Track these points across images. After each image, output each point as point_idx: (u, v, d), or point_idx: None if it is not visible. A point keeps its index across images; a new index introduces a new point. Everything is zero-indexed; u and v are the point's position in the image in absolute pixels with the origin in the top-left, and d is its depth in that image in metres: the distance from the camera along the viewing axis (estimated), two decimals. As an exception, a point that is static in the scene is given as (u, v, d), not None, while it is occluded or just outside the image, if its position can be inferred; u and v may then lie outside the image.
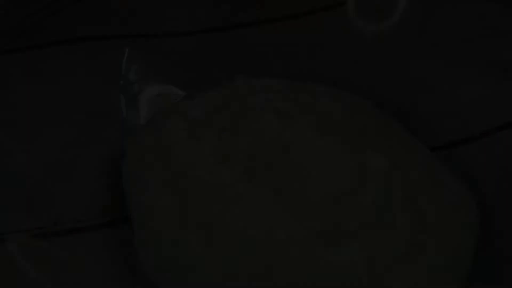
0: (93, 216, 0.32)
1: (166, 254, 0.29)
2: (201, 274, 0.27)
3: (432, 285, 0.26)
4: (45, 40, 0.39)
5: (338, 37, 0.42)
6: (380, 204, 0.29)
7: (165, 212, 0.30)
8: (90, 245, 0.31)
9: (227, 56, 0.41)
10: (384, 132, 0.33)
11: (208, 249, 0.28)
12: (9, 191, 0.32)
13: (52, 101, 0.37)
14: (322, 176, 0.30)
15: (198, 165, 0.31)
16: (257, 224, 0.28)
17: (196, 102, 0.35)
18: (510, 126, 0.35)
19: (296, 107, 0.35)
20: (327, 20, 0.42)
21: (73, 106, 0.38)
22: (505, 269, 0.28)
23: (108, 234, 0.31)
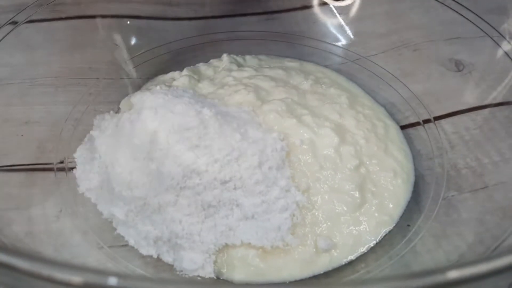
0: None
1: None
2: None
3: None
4: (68, 14, 0.47)
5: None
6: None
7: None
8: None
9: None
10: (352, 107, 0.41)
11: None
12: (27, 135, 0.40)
13: (69, 65, 0.45)
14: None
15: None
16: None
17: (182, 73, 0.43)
18: (448, 116, 0.41)
19: (272, 81, 0.41)
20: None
21: (85, 71, 0.45)
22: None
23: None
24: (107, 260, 0.34)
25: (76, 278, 0.17)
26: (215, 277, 0.33)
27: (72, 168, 0.39)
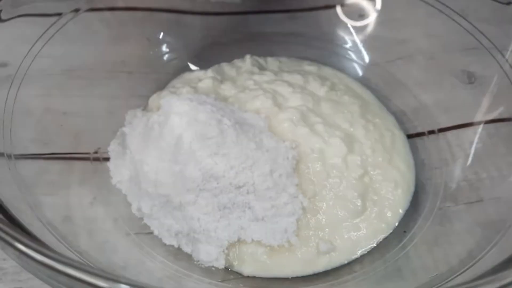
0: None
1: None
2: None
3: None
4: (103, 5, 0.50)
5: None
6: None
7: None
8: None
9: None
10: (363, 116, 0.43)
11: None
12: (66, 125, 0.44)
13: (103, 58, 0.49)
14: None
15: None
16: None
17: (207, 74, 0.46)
18: (454, 128, 0.44)
19: (289, 87, 0.44)
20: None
21: (120, 66, 0.49)
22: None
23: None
24: (133, 246, 0.39)
25: None
26: (227, 269, 0.37)
27: (106, 159, 0.43)
